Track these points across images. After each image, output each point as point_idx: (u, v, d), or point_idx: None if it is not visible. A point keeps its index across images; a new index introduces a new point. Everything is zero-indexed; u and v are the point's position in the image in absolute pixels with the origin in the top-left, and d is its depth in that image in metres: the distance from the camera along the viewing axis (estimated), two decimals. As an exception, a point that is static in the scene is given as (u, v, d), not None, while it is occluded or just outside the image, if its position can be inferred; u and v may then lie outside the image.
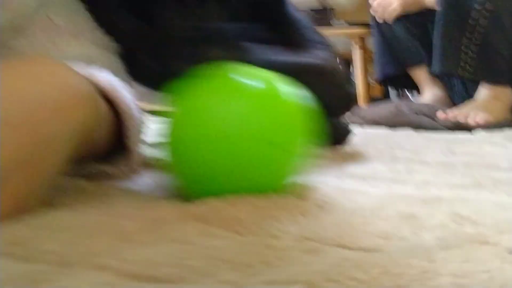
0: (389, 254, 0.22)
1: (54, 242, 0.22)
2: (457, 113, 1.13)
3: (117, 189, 0.40)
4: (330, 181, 0.42)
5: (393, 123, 1.22)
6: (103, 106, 0.41)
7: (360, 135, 0.78)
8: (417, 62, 1.47)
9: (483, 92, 1.21)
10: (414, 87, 1.51)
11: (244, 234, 0.25)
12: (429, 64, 1.38)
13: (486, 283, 0.19)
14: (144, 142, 0.50)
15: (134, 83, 0.58)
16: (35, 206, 0.30)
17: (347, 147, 0.67)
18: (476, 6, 1.11)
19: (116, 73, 0.47)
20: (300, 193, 0.36)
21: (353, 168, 0.52)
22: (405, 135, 1.00)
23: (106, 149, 0.46)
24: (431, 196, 0.37)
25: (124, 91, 0.46)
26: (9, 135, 0.28)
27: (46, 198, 0.32)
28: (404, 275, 0.19)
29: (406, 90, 1.66)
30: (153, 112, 0.59)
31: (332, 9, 2.36)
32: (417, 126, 1.15)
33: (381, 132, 1.05)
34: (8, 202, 0.28)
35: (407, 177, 0.48)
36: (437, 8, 1.20)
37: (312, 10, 2.31)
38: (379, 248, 0.23)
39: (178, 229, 0.26)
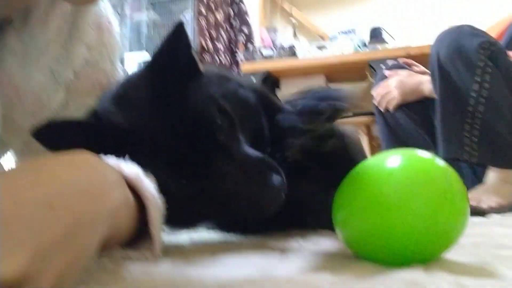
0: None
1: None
2: (469, 198, 1.15)
3: (140, 270, 0.43)
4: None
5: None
6: (128, 193, 0.46)
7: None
8: (423, 149, 1.50)
9: (492, 175, 1.23)
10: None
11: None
12: (435, 150, 1.42)
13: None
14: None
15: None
16: (72, 284, 0.33)
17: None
18: (473, 93, 1.18)
19: None
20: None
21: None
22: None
23: (130, 234, 0.50)
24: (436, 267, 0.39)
25: (147, 181, 0.50)
26: (53, 218, 0.31)
27: (79, 277, 0.35)
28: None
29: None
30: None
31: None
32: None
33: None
34: (51, 280, 0.30)
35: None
36: (435, 96, 1.28)
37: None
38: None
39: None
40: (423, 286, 0.32)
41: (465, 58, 1.20)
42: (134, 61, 2.86)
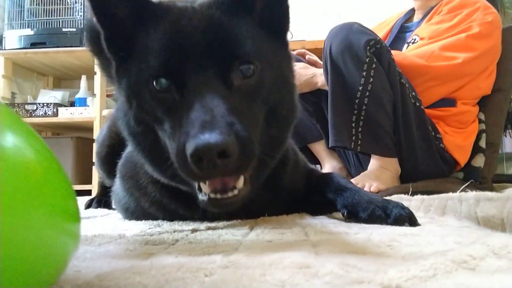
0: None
1: None
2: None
3: None
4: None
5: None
6: None
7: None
8: (315, 138, 1.59)
9: (373, 162, 1.33)
10: (315, 161, 1.61)
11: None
12: (326, 138, 1.50)
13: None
14: None
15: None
16: None
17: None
18: (359, 87, 1.27)
19: None
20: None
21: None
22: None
23: None
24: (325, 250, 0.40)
25: None
26: None
27: None
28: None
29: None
30: None
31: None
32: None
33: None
34: None
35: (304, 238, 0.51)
36: (328, 88, 1.34)
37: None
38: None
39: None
40: (313, 268, 0.32)
41: (354, 54, 1.28)
42: (15, 39, 2.57)
